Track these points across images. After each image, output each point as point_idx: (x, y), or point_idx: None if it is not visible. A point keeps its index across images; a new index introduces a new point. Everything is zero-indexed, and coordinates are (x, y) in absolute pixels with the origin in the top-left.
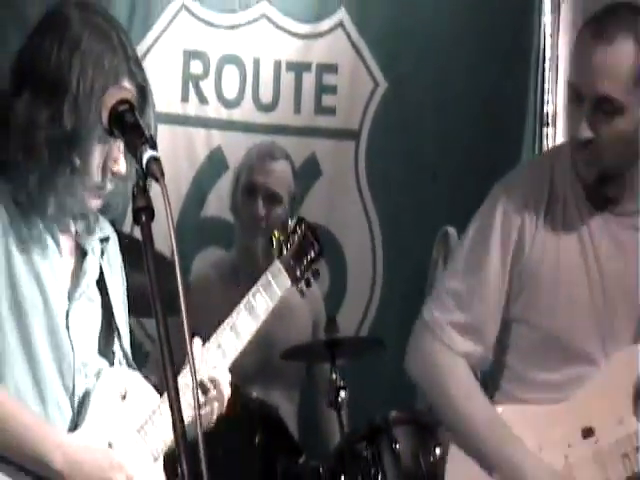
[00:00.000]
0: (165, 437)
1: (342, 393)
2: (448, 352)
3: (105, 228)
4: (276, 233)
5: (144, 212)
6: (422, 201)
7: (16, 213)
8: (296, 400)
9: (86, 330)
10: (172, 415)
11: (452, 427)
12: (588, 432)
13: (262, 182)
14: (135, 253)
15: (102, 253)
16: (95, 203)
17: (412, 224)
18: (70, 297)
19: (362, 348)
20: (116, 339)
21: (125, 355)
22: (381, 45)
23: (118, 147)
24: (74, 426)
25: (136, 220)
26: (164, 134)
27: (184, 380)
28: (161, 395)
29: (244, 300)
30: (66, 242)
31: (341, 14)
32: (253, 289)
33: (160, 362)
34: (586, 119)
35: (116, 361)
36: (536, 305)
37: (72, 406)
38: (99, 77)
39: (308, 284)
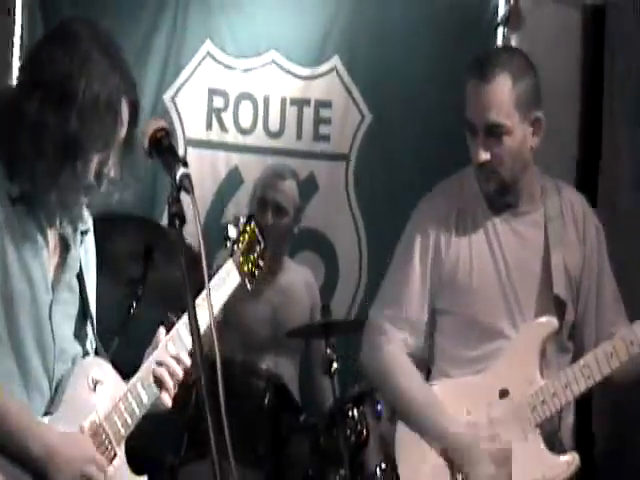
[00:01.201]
0: (129, 421)
1: (334, 364)
2: (387, 343)
3: (86, 220)
4: (229, 233)
5: (177, 217)
6: (399, 210)
7: (10, 211)
8: (297, 370)
9: (66, 318)
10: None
11: (394, 404)
12: (504, 393)
13: (272, 197)
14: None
15: (80, 243)
16: (84, 200)
17: (391, 229)
18: (54, 288)
19: (350, 328)
20: (89, 324)
21: (95, 339)
22: (366, 85)
23: (113, 155)
24: (46, 411)
25: (171, 223)
26: (192, 156)
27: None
28: (126, 380)
29: (198, 299)
30: (52, 236)
31: (335, 60)
32: (205, 290)
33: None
34: (481, 145)
35: (87, 344)
36: (455, 297)
37: (50, 390)
38: (103, 91)
39: (253, 277)
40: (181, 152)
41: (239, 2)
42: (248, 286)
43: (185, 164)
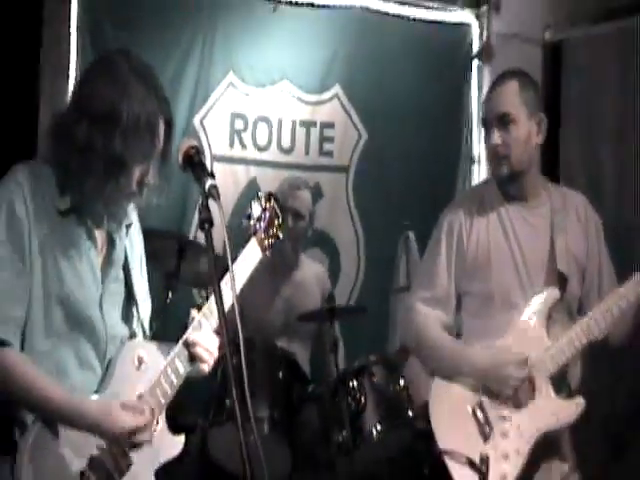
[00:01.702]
0: (168, 392)
1: (338, 343)
2: (424, 319)
3: (130, 215)
4: (252, 211)
5: (206, 222)
6: (390, 214)
7: (58, 224)
8: (307, 348)
9: (114, 306)
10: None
11: (433, 360)
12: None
13: (291, 205)
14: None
15: (125, 235)
16: (127, 204)
17: (384, 230)
18: (103, 282)
19: (351, 313)
20: (134, 309)
21: (141, 322)
22: (363, 109)
23: (152, 167)
24: (99, 388)
25: (201, 227)
26: (218, 169)
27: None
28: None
29: (225, 277)
30: (99, 235)
31: (336, 88)
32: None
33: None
34: (494, 133)
35: (134, 326)
36: (476, 278)
37: (102, 369)
38: (143, 113)
39: (270, 248)
40: (209, 167)
41: (256, 40)
42: (267, 255)
43: (212, 176)
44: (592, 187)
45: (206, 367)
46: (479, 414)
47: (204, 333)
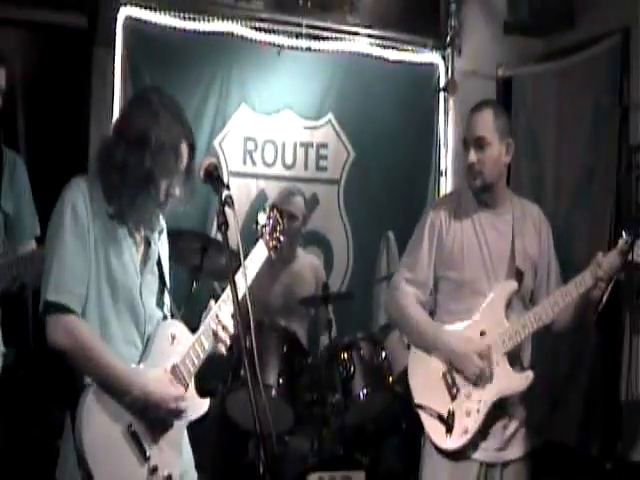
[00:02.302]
0: (196, 362)
1: (331, 323)
2: (405, 295)
3: (162, 224)
4: (259, 219)
5: (223, 225)
6: (374, 218)
7: (108, 224)
8: (304, 326)
9: (150, 294)
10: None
11: (410, 333)
12: (483, 333)
13: (286, 208)
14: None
15: (158, 239)
16: (158, 213)
17: (368, 231)
18: (141, 273)
19: (342, 298)
20: (166, 296)
21: (171, 307)
22: (351, 132)
23: (177, 181)
24: (140, 359)
25: (219, 229)
26: (233, 183)
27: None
28: (192, 334)
29: (239, 271)
30: (138, 237)
31: (330, 115)
32: (246, 261)
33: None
34: (472, 152)
35: (165, 310)
36: (451, 266)
37: (142, 344)
38: (168, 138)
39: (276, 249)
40: (225, 180)
41: (264, 77)
42: (273, 256)
43: (228, 188)
44: (535, 196)
45: (222, 347)
46: (448, 378)
47: (223, 316)
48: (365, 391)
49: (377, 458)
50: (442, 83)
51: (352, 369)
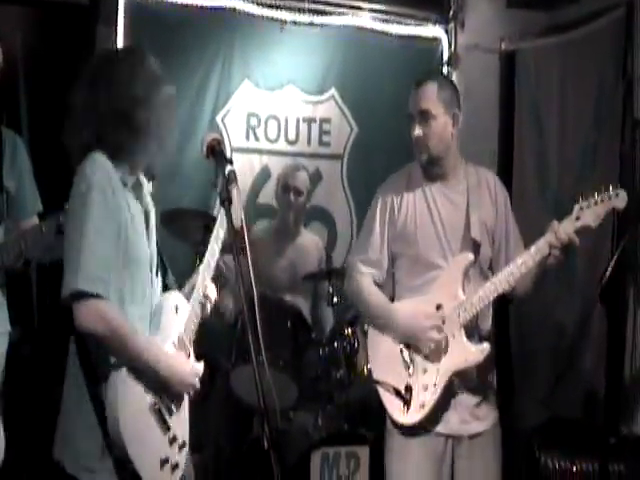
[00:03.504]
0: (193, 328)
1: (335, 299)
2: (361, 276)
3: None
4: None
5: (227, 200)
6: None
7: (122, 195)
8: (308, 301)
9: (154, 264)
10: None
11: (366, 312)
12: (439, 307)
13: (291, 183)
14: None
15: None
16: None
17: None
18: (149, 244)
19: (345, 273)
20: (165, 268)
21: (169, 278)
22: (354, 107)
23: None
24: (151, 331)
25: (222, 205)
26: (236, 158)
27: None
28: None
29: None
30: (141, 204)
31: (332, 91)
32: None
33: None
34: (416, 125)
35: (167, 281)
36: (405, 242)
37: (150, 316)
38: (167, 90)
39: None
40: (228, 155)
41: (266, 53)
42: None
43: (231, 163)
44: (539, 171)
45: (207, 311)
46: (405, 354)
47: (208, 283)
48: (369, 365)
49: (381, 433)
50: (445, 57)
51: (356, 344)
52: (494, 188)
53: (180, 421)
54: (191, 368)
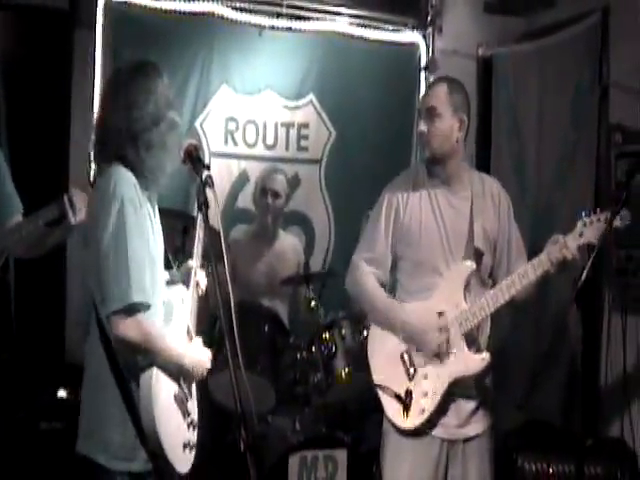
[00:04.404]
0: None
1: (312, 302)
2: (363, 274)
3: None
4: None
5: (203, 205)
6: (355, 197)
7: (143, 202)
8: (287, 305)
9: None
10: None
11: (369, 310)
12: (441, 314)
13: (270, 186)
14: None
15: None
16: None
17: (349, 210)
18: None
19: (323, 277)
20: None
21: (172, 272)
22: (332, 112)
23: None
24: (167, 324)
25: (199, 209)
26: (214, 163)
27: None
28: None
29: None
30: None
31: (310, 96)
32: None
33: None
34: (423, 121)
35: (172, 275)
36: (409, 245)
37: (164, 310)
38: (171, 107)
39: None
40: (207, 160)
41: (245, 58)
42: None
43: (209, 168)
44: (517, 176)
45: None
46: (406, 358)
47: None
48: (347, 370)
49: (359, 437)
50: (423, 63)
51: (334, 348)
52: (498, 197)
53: (194, 404)
54: (207, 359)
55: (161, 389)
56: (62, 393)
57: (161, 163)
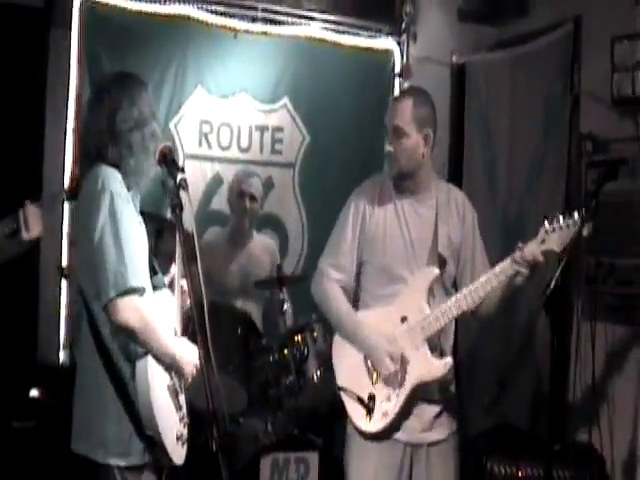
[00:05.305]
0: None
1: (285, 305)
2: (328, 280)
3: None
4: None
5: (177, 207)
6: (328, 202)
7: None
8: (261, 309)
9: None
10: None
11: (332, 320)
12: (404, 319)
13: (247, 189)
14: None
15: None
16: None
17: (322, 213)
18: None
19: (296, 281)
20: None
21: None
22: (306, 116)
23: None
24: None
25: (173, 211)
26: (188, 165)
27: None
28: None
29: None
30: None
31: (285, 99)
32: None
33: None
34: (389, 141)
35: (156, 281)
36: (374, 252)
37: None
38: (152, 111)
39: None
40: (181, 163)
41: (220, 61)
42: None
43: (183, 171)
44: (489, 183)
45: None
46: (369, 362)
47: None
48: (319, 373)
49: (331, 439)
50: (397, 69)
51: (306, 351)
52: (462, 207)
53: (184, 400)
54: (194, 352)
55: (156, 377)
56: (34, 392)
57: (142, 166)
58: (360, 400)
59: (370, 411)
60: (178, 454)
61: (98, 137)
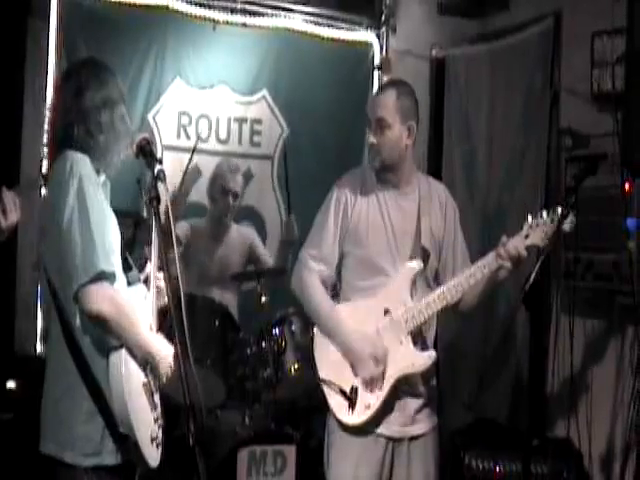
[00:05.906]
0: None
1: (263, 298)
2: (309, 273)
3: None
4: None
5: (155, 199)
6: (306, 194)
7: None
8: (238, 301)
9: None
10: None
11: (312, 316)
12: (387, 311)
13: (232, 187)
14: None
15: None
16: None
17: (301, 207)
18: None
19: (274, 273)
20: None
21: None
22: (285, 108)
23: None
24: None
25: (150, 203)
26: (167, 156)
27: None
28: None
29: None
30: None
31: (264, 91)
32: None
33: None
34: (372, 132)
35: (130, 277)
36: (356, 243)
37: None
38: (122, 93)
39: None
40: (159, 154)
41: (199, 52)
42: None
43: (161, 162)
44: (468, 177)
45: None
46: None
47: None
48: (296, 366)
49: (308, 432)
50: (376, 62)
51: (283, 344)
52: (444, 201)
53: (158, 401)
54: (169, 349)
55: (131, 372)
56: (11, 384)
57: (111, 147)
58: (342, 392)
59: (352, 404)
60: (152, 456)
61: (65, 115)
